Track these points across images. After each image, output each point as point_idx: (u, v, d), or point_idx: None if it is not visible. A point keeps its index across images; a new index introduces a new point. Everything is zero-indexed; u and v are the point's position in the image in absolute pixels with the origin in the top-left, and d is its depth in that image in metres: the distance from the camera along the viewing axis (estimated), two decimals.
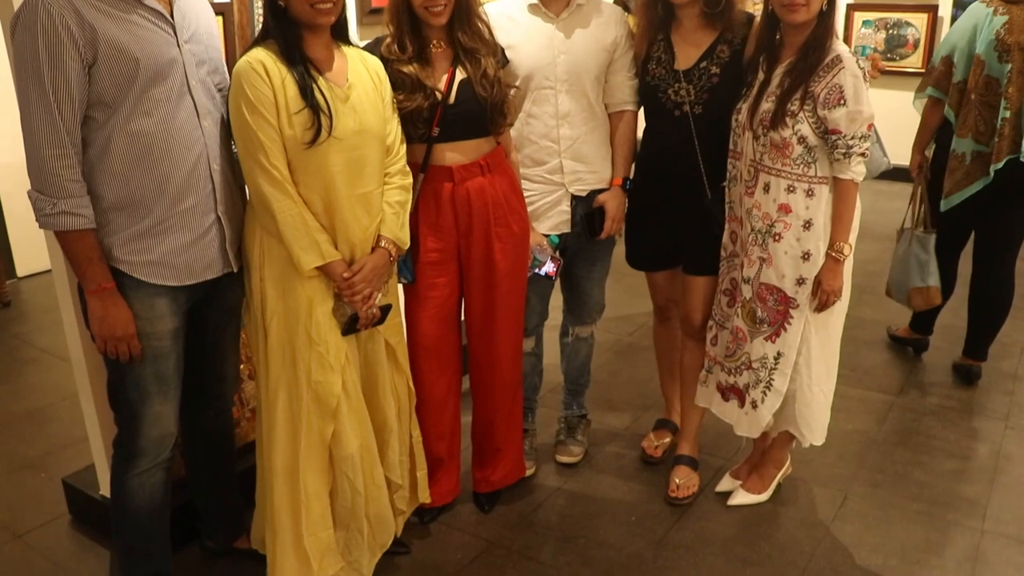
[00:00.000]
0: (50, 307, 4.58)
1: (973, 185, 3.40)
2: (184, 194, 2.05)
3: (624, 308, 4.48)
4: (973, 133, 3.35)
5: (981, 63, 3.29)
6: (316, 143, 2.10)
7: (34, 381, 3.94)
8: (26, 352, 4.25)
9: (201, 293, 2.18)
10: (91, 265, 1.98)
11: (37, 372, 4.04)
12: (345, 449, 2.29)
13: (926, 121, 3.58)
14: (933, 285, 3.56)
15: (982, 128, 3.33)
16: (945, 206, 3.49)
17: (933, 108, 3.52)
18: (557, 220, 2.77)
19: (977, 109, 3.33)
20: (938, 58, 3.49)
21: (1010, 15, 3.25)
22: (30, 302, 4.91)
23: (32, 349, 4.28)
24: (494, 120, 2.47)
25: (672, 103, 2.66)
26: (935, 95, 3.48)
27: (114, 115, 1.95)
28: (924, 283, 3.56)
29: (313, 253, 2.14)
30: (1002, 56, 3.25)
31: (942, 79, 3.44)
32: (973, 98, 3.32)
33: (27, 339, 4.40)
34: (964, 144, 3.38)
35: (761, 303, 2.58)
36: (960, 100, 3.38)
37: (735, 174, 2.64)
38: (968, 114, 3.35)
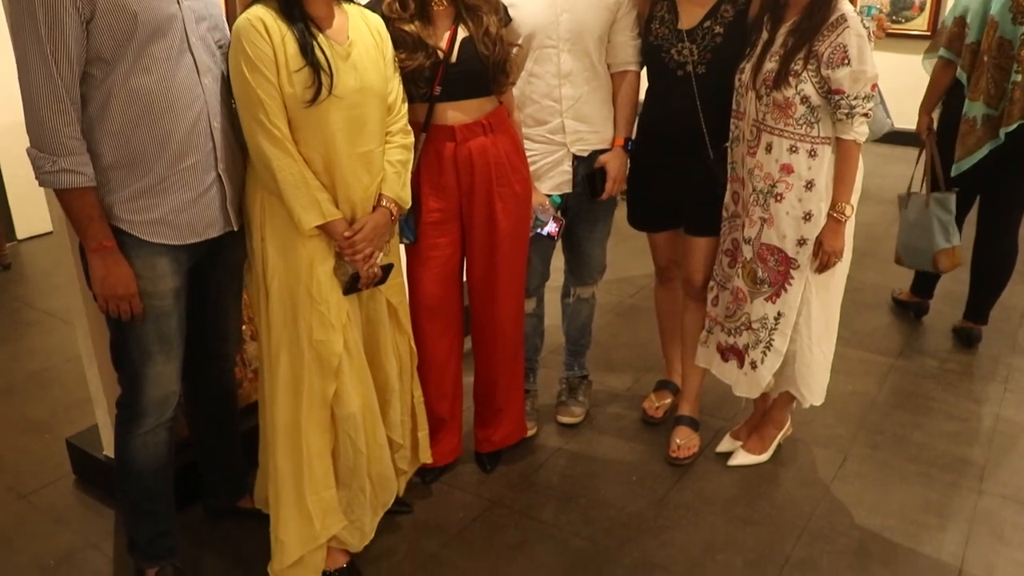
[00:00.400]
0: (50, 269, 4.61)
1: (984, 147, 3.38)
2: (185, 152, 2.04)
3: (625, 270, 4.49)
4: (984, 96, 3.33)
5: (995, 24, 3.26)
6: (316, 101, 2.08)
7: (36, 343, 3.95)
8: (27, 314, 4.26)
9: (202, 252, 2.17)
10: (92, 223, 1.98)
11: (39, 334, 4.05)
12: (347, 408, 2.30)
13: (936, 82, 3.55)
14: (958, 244, 3.54)
15: (993, 91, 3.31)
16: (956, 171, 3.48)
17: (944, 69, 3.49)
18: (559, 180, 2.76)
19: (989, 72, 3.30)
20: (950, 18, 3.45)
21: None
22: (30, 264, 4.91)
23: (33, 311, 4.29)
24: (496, 79, 2.45)
25: (675, 63, 2.64)
26: (947, 56, 3.45)
27: (113, 72, 1.93)
28: (949, 243, 3.55)
29: (314, 212, 2.14)
30: (1016, 18, 3.22)
31: (954, 40, 3.41)
32: (986, 60, 3.29)
33: (28, 301, 4.41)
34: (976, 108, 3.36)
35: (762, 263, 2.59)
36: (973, 62, 3.34)
37: (737, 134, 2.63)
38: (980, 77, 3.32)
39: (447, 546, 2.56)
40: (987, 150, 3.38)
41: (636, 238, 3.07)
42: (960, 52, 3.39)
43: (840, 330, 2.75)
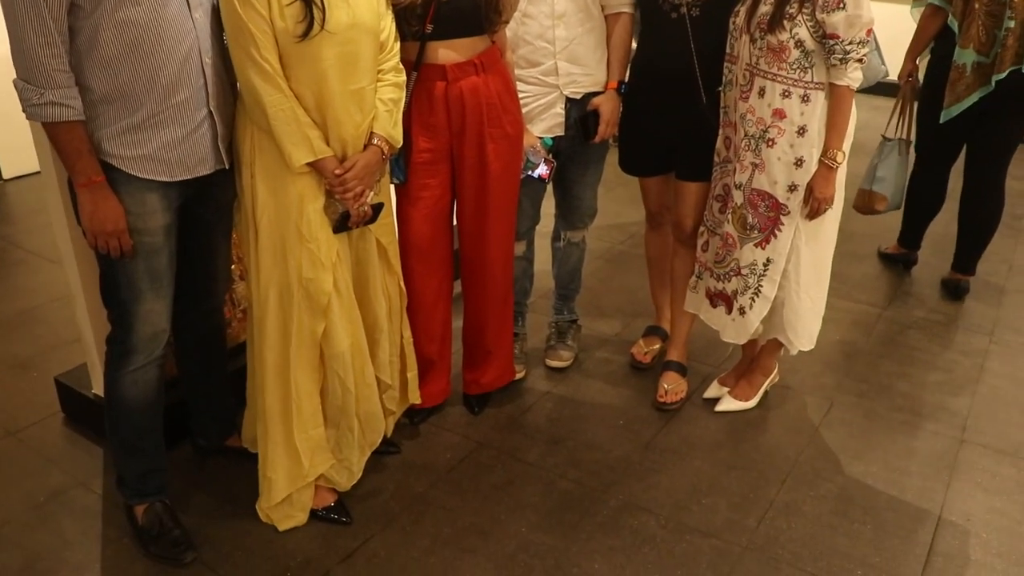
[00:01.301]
0: (37, 208, 4.59)
1: (973, 95, 3.39)
2: (175, 88, 2.03)
3: (616, 217, 4.49)
4: (975, 44, 3.34)
5: None
6: (308, 36, 2.06)
7: (23, 283, 3.95)
8: (13, 254, 4.25)
9: (193, 190, 2.17)
10: (81, 158, 1.97)
11: (26, 274, 4.04)
12: (336, 347, 2.31)
13: (923, 29, 3.55)
14: (877, 191, 3.63)
15: (984, 39, 3.31)
16: (945, 117, 3.48)
17: (932, 16, 3.49)
18: (551, 123, 2.76)
19: (980, 19, 3.30)
20: None
21: None
22: (17, 204, 4.89)
23: (20, 251, 4.28)
24: (488, 17, 2.43)
25: (669, 5, 2.62)
26: (937, 3, 3.44)
27: (101, 3, 1.90)
28: (868, 186, 3.65)
29: (304, 149, 2.13)
30: None
31: None
32: (976, 8, 3.29)
33: (14, 241, 4.39)
34: (966, 55, 3.36)
35: (752, 209, 2.59)
36: (964, 10, 3.34)
37: (731, 78, 2.62)
38: (971, 24, 3.32)
39: (434, 486, 2.59)
40: (977, 97, 3.39)
41: (627, 185, 3.08)
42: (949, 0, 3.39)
43: (829, 280, 2.77)
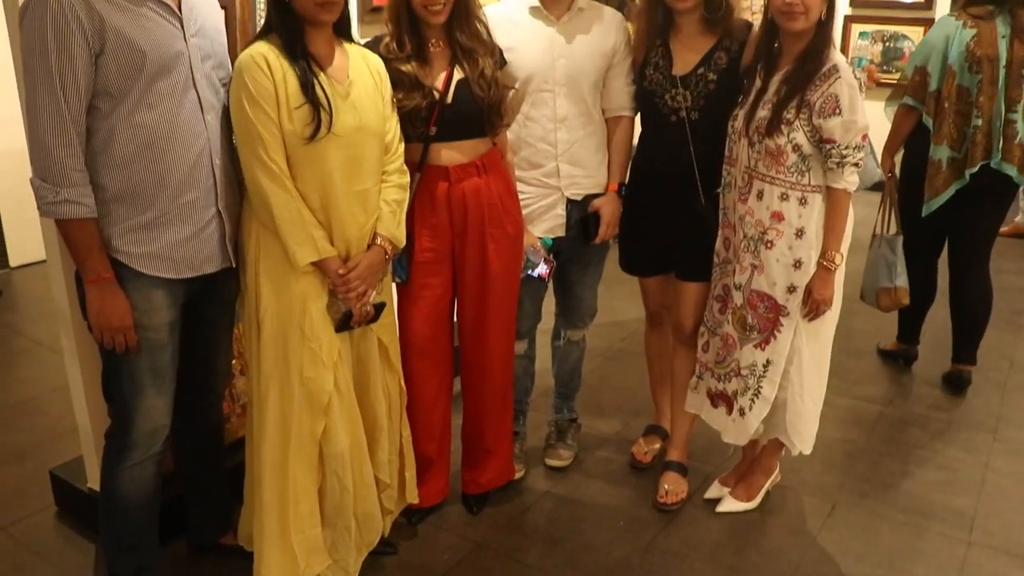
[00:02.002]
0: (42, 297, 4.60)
1: (950, 188, 3.52)
2: (186, 188, 2.07)
3: (616, 314, 4.51)
4: (948, 140, 3.49)
5: (953, 73, 3.43)
6: (315, 139, 2.11)
7: (23, 372, 3.94)
8: (16, 342, 4.26)
9: (198, 287, 2.19)
10: (91, 255, 2.00)
11: (27, 363, 4.04)
12: (335, 446, 2.30)
13: (898, 127, 3.68)
14: (901, 285, 3.62)
15: (955, 136, 3.49)
16: (926, 211, 3.59)
17: (906, 115, 3.62)
18: (552, 223, 2.79)
19: (951, 117, 3.47)
20: (911, 68, 3.59)
21: (978, 28, 3.39)
22: (22, 292, 4.92)
23: (22, 339, 4.29)
24: (491, 120, 2.50)
25: (669, 108, 2.68)
26: (910, 103, 3.58)
27: (119, 106, 1.97)
28: (892, 283, 3.63)
29: (309, 248, 2.16)
30: (972, 67, 3.40)
31: (918, 88, 3.55)
32: (947, 107, 3.46)
33: (17, 329, 4.40)
34: (940, 151, 3.51)
35: (752, 310, 2.61)
36: (936, 108, 3.50)
37: (729, 180, 2.67)
38: (943, 122, 3.48)
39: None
40: (954, 190, 3.52)
41: (627, 281, 3.10)
42: (924, 100, 3.54)
43: (829, 377, 2.77)
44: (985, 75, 3.39)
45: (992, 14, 3.41)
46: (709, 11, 2.62)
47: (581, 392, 3.31)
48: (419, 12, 2.39)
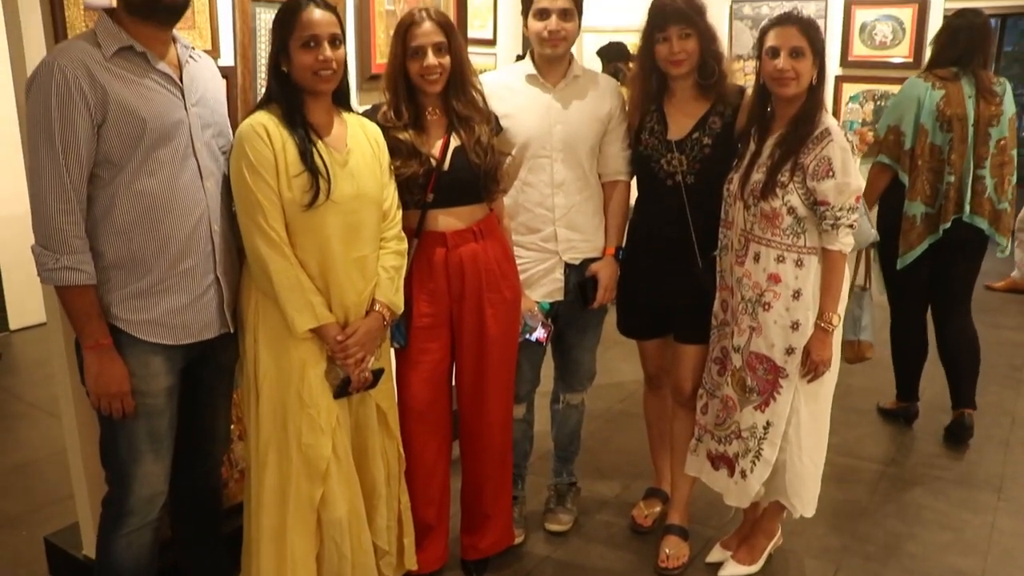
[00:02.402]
0: (41, 360, 4.60)
1: (924, 242, 3.66)
2: (184, 254, 2.09)
3: (615, 375, 4.50)
4: (922, 196, 3.64)
5: (926, 132, 3.58)
6: (314, 206, 2.14)
7: (21, 436, 3.93)
8: (14, 406, 4.24)
9: (196, 352, 2.20)
10: (90, 321, 2.02)
11: (24, 427, 4.02)
12: (333, 513, 2.29)
13: (873, 184, 3.78)
14: (864, 339, 3.65)
15: (929, 192, 3.63)
16: (901, 264, 3.71)
17: (880, 173, 3.73)
18: (550, 288, 2.81)
19: (925, 174, 3.62)
20: (884, 127, 3.73)
21: (946, 89, 3.56)
22: (20, 356, 4.91)
23: (20, 403, 4.27)
24: (487, 187, 2.53)
25: (665, 173, 2.72)
26: (885, 162, 3.70)
27: (120, 174, 2.00)
28: (856, 336, 3.67)
29: (307, 315, 2.17)
30: (943, 126, 3.56)
31: (892, 147, 3.67)
32: (920, 164, 3.61)
33: (15, 393, 4.39)
34: (915, 207, 3.65)
35: (751, 372, 2.61)
36: (911, 165, 3.64)
37: (726, 243, 2.69)
38: (917, 179, 3.63)
39: None
40: (927, 244, 3.66)
41: (625, 342, 3.10)
42: (898, 157, 3.66)
43: (829, 436, 2.76)
44: (956, 133, 3.55)
45: (957, 75, 3.59)
46: (703, 77, 2.67)
47: (580, 455, 3.29)
48: (416, 81, 2.44)
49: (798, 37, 2.47)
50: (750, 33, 6.40)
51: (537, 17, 2.67)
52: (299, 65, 2.16)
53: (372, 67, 3.10)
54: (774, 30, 2.51)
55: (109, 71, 1.96)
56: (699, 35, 2.62)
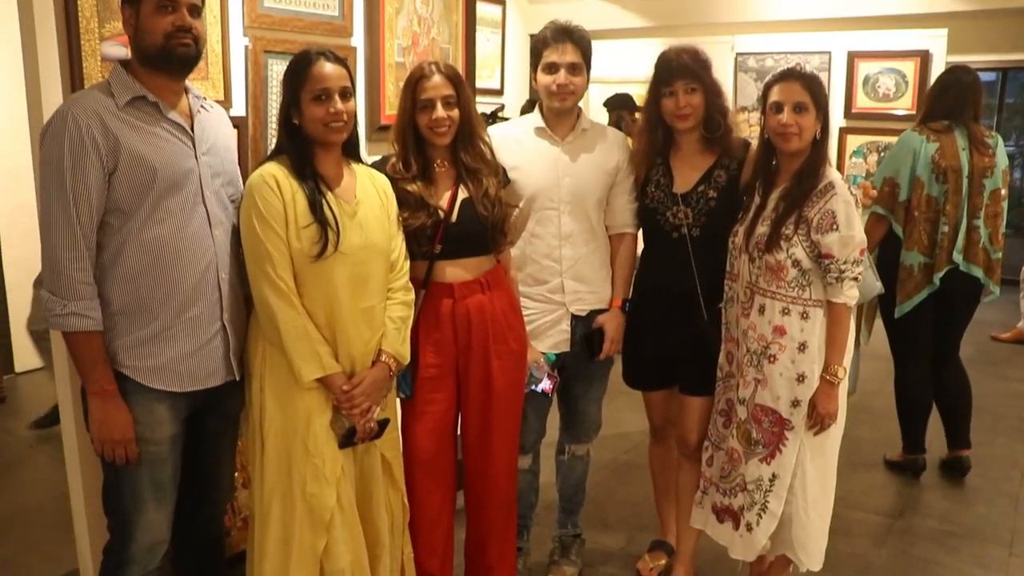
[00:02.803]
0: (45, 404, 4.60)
1: (922, 291, 3.74)
2: (191, 302, 2.11)
3: (620, 426, 4.48)
4: (919, 247, 3.73)
5: (921, 184, 3.68)
6: (323, 257, 2.16)
7: (22, 479, 3.92)
8: (17, 449, 4.24)
9: (202, 400, 2.21)
10: (96, 367, 2.03)
11: (26, 470, 4.01)
12: (336, 563, 2.27)
13: (870, 235, 3.81)
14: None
15: (926, 242, 3.72)
16: (899, 313, 3.78)
17: (876, 224, 3.80)
18: (557, 339, 2.82)
19: (921, 225, 3.71)
20: (880, 179, 3.81)
21: (940, 142, 3.67)
22: (25, 398, 4.92)
23: (22, 446, 4.27)
24: (495, 239, 2.55)
25: (671, 225, 2.74)
26: (880, 212, 3.78)
27: (129, 221, 2.03)
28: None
29: (314, 364, 2.18)
30: (939, 178, 3.66)
31: (887, 198, 3.75)
32: (916, 215, 3.70)
33: (18, 436, 4.39)
34: (912, 257, 3.74)
35: (756, 424, 2.60)
36: (906, 217, 3.72)
37: (731, 295, 2.70)
38: (913, 230, 3.72)
39: None
40: (926, 294, 3.74)
41: (631, 393, 3.10)
42: (893, 209, 3.74)
43: (836, 489, 2.74)
44: (951, 185, 3.65)
45: (950, 128, 3.70)
46: (708, 131, 2.71)
47: (585, 506, 3.26)
48: (425, 133, 2.48)
49: (801, 92, 2.50)
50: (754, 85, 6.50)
51: (546, 71, 2.71)
52: (310, 117, 2.20)
53: (381, 118, 3.15)
54: (778, 85, 2.55)
55: (122, 120, 2.00)
56: (704, 90, 2.66)
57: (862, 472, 4.05)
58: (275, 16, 2.75)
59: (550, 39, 2.72)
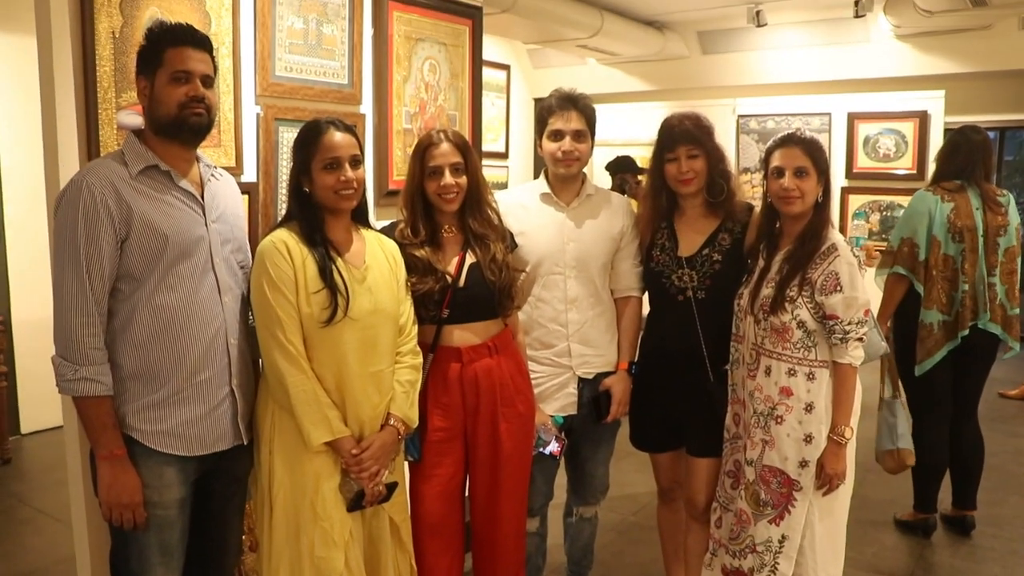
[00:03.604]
0: (51, 466, 4.59)
1: (943, 349, 3.74)
2: (201, 367, 2.13)
3: (628, 487, 4.45)
4: (938, 305, 3.75)
5: (938, 243, 3.71)
6: (332, 322, 2.19)
7: (28, 542, 3.89)
8: (22, 512, 4.21)
9: (210, 463, 2.21)
10: (105, 431, 2.04)
11: (32, 533, 3.99)
12: None
13: (891, 294, 3.88)
14: (903, 447, 3.68)
15: (945, 300, 3.74)
16: (920, 371, 3.76)
17: (897, 282, 3.83)
18: (564, 402, 2.82)
19: (939, 284, 3.74)
20: (898, 239, 3.83)
21: (955, 202, 3.71)
22: (31, 460, 4.90)
23: (28, 509, 4.24)
24: (502, 303, 2.57)
25: (676, 288, 2.76)
26: (902, 272, 3.79)
27: (140, 288, 2.06)
28: (894, 445, 3.70)
29: (323, 428, 2.19)
30: (955, 237, 3.70)
31: (907, 258, 3.77)
32: (935, 274, 3.73)
33: (24, 498, 4.37)
34: (931, 315, 3.74)
35: (764, 485, 2.59)
36: (926, 275, 3.74)
37: (737, 357, 2.71)
38: (932, 288, 3.74)
39: None
40: (946, 351, 3.74)
41: (637, 455, 3.08)
42: (913, 268, 3.76)
43: (846, 550, 2.71)
44: (967, 244, 3.68)
45: (962, 187, 3.73)
46: (712, 195, 2.75)
47: (594, 569, 3.23)
48: (433, 199, 2.52)
49: (802, 157, 2.55)
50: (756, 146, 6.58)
51: (551, 138, 2.77)
52: (321, 185, 2.24)
53: (389, 183, 3.19)
54: (779, 151, 2.59)
55: (134, 188, 2.04)
56: (707, 155, 2.70)
57: (872, 532, 4.00)
58: (286, 85, 2.81)
59: (555, 106, 2.77)
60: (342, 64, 3.00)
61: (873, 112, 6.53)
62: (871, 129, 6.45)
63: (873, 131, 6.40)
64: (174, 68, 2.07)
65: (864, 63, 6.58)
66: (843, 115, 6.64)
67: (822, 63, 6.75)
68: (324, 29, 2.93)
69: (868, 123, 6.46)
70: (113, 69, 2.35)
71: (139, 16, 2.39)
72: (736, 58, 7.09)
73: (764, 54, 6.98)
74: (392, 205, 2.91)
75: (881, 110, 6.51)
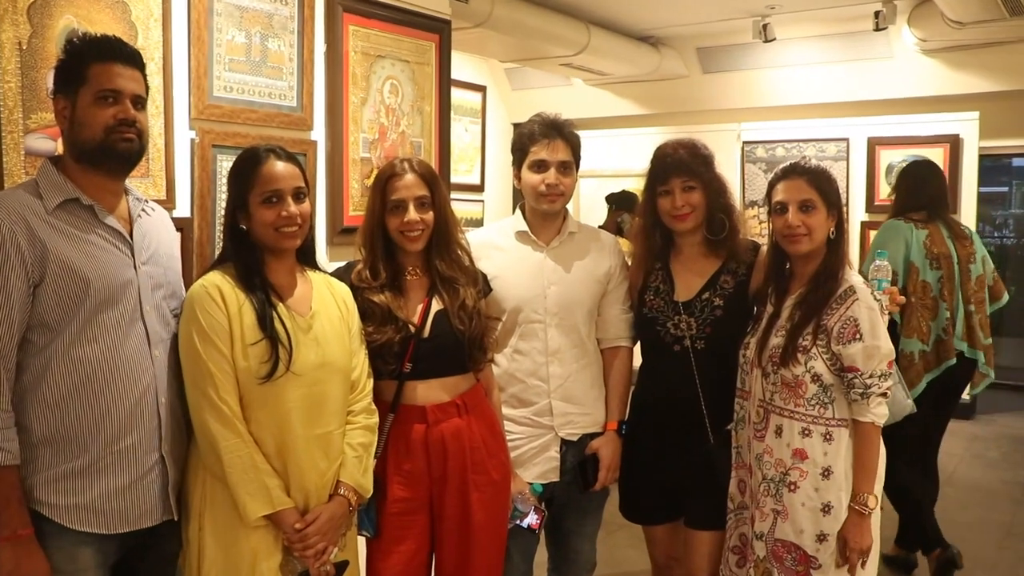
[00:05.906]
0: None
1: (923, 380, 3.99)
2: (126, 431, 2.09)
3: (619, 565, 4.40)
4: (918, 334, 4.01)
5: (916, 269, 3.99)
6: (273, 378, 2.16)
7: None
8: None
9: (133, 542, 2.17)
10: (8, 507, 1.98)
11: None
12: None
13: None
14: None
15: (924, 329, 4.02)
16: None
17: None
18: (545, 467, 2.80)
19: (918, 312, 4.01)
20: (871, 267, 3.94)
21: (928, 230, 4.02)
22: None
23: None
24: (473, 355, 2.55)
25: (672, 337, 2.76)
26: None
27: (56, 339, 2.02)
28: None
29: (261, 500, 2.16)
30: (932, 263, 4.00)
31: None
32: (913, 301, 4.00)
33: None
34: (911, 344, 4.00)
35: (778, 563, 2.57)
36: (904, 304, 3.91)
37: (743, 415, 2.70)
38: (912, 316, 4.01)
39: None
40: (927, 381, 4.00)
41: (629, 527, 3.06)
42: None
43: None
44: (944, 271, 4.01)
45: (930, 218, 4.07)
46: (712, 232, 2.75)
47: None
48: (395, 238, 2.51)
49: (807, 189, 2.56)
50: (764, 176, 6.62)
51: (534, 169, 2.76)
52: (260, 222, 2.23)
53: (345, 219, 3.20)
54: (781, 183, 2.61)
55: (51, 225, 2.01)
56: (704, 187, 2.71)
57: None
58: (225, 107, 2.82)
59: (538, 134, 2.77)
60: (290, 84, 3.02)
61: (897, 137, 6.58)
62: (895, 156, 6.49)
63: (897, 158, 6.43)
64: (100, 87, 2.06)
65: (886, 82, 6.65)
66: (863, 141, 6.69)
67: (838, 82, 6.82)
68: (270, 44, 2.94)
69: (891, 149, 6.51)
70: (20, 86, 2.34)
71: (51, 26, 2.39)
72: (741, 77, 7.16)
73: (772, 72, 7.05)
74: (348, 244, 2.90)
75: (906, 135, 6.56)
